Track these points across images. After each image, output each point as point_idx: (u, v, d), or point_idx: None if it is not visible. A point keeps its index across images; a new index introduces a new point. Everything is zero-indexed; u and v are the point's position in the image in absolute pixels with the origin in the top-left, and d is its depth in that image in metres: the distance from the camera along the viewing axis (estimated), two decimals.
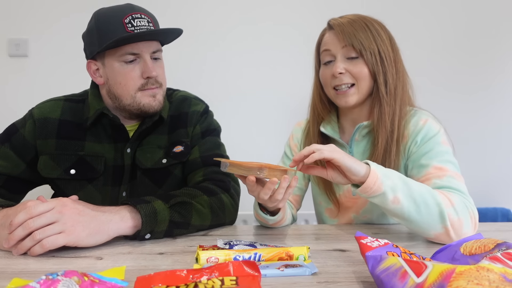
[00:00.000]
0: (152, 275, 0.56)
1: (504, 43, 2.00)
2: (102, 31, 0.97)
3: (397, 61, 1.01)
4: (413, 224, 0.82)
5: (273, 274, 0.64)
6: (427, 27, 1.98)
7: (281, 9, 1.95)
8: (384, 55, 0.98)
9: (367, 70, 0.98)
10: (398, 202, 0.80)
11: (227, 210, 0.99)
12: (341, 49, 0.99)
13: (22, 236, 0.73)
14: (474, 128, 2.00)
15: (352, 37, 0.97)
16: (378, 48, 0.98)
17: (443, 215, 0.80)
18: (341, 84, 1.00)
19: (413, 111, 1.03)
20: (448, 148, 0.96)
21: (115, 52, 0.98)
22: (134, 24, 0.96)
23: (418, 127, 0.98)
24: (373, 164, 0.81)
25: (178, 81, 1.47)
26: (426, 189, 0.83)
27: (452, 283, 0.47)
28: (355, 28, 0.98)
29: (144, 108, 1.02)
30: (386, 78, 0.98)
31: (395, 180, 0.81)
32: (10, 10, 1.89)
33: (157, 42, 1.03)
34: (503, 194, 2.01)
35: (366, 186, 0.79)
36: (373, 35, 0.98)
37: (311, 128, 1.12)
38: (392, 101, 0.99)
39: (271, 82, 1.95)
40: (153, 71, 0.99)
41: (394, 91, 0.99)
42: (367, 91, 1.01)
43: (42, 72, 1.90)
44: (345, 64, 0.99)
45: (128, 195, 1.06)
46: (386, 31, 1.02)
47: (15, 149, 1.03)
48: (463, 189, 0.88)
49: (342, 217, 1.12)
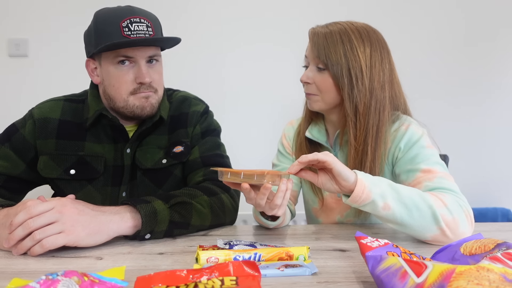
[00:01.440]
0: (152, 275, 0.56)
1: (503, 45, 2.00)
2: (99, 32, 0.97)
3: (374, 78, 0.96)
4: (407, 228, 0.82)
5: (273, 274, 0.64)
6: (426, 30, 1.98)
7: (281, 9, 1.95)
8: (354, 72, 0.95)
9: (332, 82, 0.97)
10: (389, 208, 0.80)
11: (227, 210, 0.99)
12: (312, 59, 1.00)
13: (22, 236, 0.73)
14: (474, 128, 2.00)
15: (321, 50, 0.97)
16: (348, 63, 0.95)
17: (436, 216, 0.80)
18: (307, 92, 1.03)
19: (394, 116, 1.01)
20: (434, 150, 0.96)
21: (110, 55, 0.98)
22: (131, 29, 0.95)
23: (400, 133, 0.98)
24: (360, 173, 0.81)
25: (178, 81, 1.47)
26: (416, 193, 0.82)
27: (452, 283, 0.47)
28: (328, 41, 0.97)
29: (137, 111, 1.01)
30: (353, 96, 0.96)
31: (383, 187, 0.80)
32: (10, 10, 1.89)
33: (154, 47, 1.01)
34: (503, 194, 2.01)
35: (355, 195, 0.79)
36: (345, 50, 0.95)
37: (302, 128, 1.12)
38: (362, 119, 0.96)
39: (271, 82, 1.95)
40: (146, 77, 0.98)
41: (367, 110, 0.95)
42: (332, 102, 1.00)
43: (42, 72, 1.90)
44: (313, 73, 1.00)
45: (128, 195, 1.06)
46: (370, 45, 0.97)
47: (15, 149, 1.03)
48: (455, 188, 0.88)
49: (327, 218, 1.12)
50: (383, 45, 1.00)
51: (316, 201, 1.12)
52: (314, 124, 1.10)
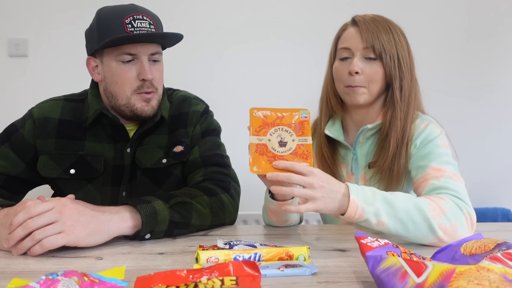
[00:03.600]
0: (152, 275, 0.56)
1: (507, 44, 2.00)
2: (102, 29, 0.97)
3: (412, 68, 1.01)
4: (403, 239, 0.83)
5: (273, 274, 0.64)
6: (430, 28, 1.97)
7: (282, 9, 1.95)
8: (402, 61, 0.98)
9: (382, 73, 0.98)
10: (383, 224, 0.80)
11: (227, 210, 0.99)
12: (362, 48, 0.98)
13: (22, 236, 0.73)
14: (475, 128, 2.00)
15: (375, 38, 0.96)
16: (397, 52, 0.97)
17: (433, 228, 0.79)
18: (354, 85, 0.98)
19: (416, 114, 1.03)
20: (448, 150, 0.96)
21: (113, 51, 0.98)
22: (134, 25, 0.96)
23: (419, 130, 0.99)
24: (353, 191, 0.78)
25: (178, 81, 1.47)
26: (413, 205, 0.81)
27: (452, 283, 0.47)
28: (378, 28, 0.97)
29: (137, 112, 1.01)
30: (402, 84, 0.98)
31: (377, 204, 0.79)
32: (10, 10, 1.89)
33: (156, 44, 1.02)
34: (503, 194, 2.01)
35: (347, 216, 0.78)
36: (394, 39, 0.98)
37: (320, 127, 1.10)
38: (405, 106, 0.99)
39: (271, 82, 1.95)
40: (149, 73, 0.98)
41: (408, 97, 0.99)
42: (377, 93, 1.00)
43: (42, 72, 1.90)
44: (362, 63, 0.98)
45: (128, 195, 1.06)
46: (405, 37, 1.02)
47: (15, 149, 1.03)
48: (460, 189, 0.87)
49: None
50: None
51: None
52: (332, 123, 1.10)
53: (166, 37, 1.01)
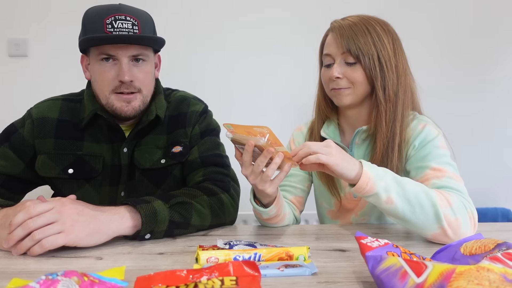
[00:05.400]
0: (152, 275, 0.56)
1: (507, 44, 1.99)
2: (85, 28, 0.98)
3: (398, 66, 0.99)
4: (408, 224, 0.83)
5: (273, 274, 0.64)
6: (430, 27, 1.97)
7: (282, 9, 1.95)
8: (384, 60, 0.97)
9: (364, 75, 0.98)
10: (391, 202, 0.81)
11: (227, 210, 0.99)
12: (341, 54, 0.99)
13: (22, 236, 0.73)
14: (474, 128, 2.00)
15: (350, 42, 0.96)
16: (377, 53, 0.97)
17: (439, 216, 0.80)
18: (338, 88, 1.00)
19: (412, 115, 1.03)
20: (447, 151, 0.96)
21: (95, 51, 0.98)
22: (114, 26, 0.95)
23: (417, 131, 0.99)
24: (366, 165, 0.82)
25: (178, 81, 1.47)
26: (422, 190, 0.82)
27: (452, 283, 0.46)
28: (354, 32, 0.97)
29: (117, 112, 1.01)
30: (385, 84, 0.97)
31: (388, 181, 0.81)
32: (10, 10, 1.89)
33: (140, 46, 0.99)
34: (503, 194, 2.01)
35: (358, 186, 0.80)
36: (373, 39, 0.97)
37: (316, 128, 1.11)
38: (392, 106, 0.98)
39: (271, 82, 1.95)
40: (126, 75, 0.97)
41: (395, 97, 0.98)
42: (363, 94, 1.00)
43: (42, 72, 1.90)
44: (342, 68, 0.99)
45: (126, 195, 1.06)
46: (390, 34, 1.00)
47: (15, 149, 1.03)
48: (462, 189, 0.88)
49: (343, 219, 1.12)
50: (397, 36, 1.02)
51: (332, 203, 1.12)
52: (328, 124, 1.11)
53: (145, 40, 0.99)
